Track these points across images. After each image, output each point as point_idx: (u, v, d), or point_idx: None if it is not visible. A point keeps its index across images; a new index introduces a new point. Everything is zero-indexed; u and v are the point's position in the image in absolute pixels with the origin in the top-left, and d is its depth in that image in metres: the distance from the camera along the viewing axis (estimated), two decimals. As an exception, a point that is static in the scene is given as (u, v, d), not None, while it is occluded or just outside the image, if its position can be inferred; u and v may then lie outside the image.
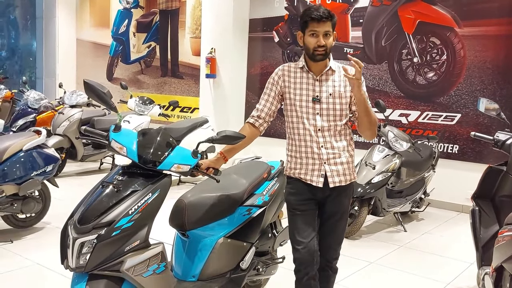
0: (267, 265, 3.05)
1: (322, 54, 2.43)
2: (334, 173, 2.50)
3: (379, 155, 4.81)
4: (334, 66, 2.54)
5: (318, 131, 2.49)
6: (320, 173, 2.49)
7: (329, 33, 2.42)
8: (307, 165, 2.51)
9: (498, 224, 3.10)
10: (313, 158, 2.50)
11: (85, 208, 2.17)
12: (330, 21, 2.40)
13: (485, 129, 5.58)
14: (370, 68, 6.59)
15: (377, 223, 5.20)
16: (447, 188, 5.81)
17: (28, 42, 11.26)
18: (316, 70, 2.52)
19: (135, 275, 2.15)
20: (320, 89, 2.51)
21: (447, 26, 5.93)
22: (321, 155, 2.49)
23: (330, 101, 2.50)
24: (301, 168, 2.53)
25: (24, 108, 7.28)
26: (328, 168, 2.49)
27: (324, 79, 2.52)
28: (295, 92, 2.54)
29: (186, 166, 2.36)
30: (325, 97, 2.50)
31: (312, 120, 2.50)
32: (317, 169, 2.50)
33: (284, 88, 2.57)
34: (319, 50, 2.42)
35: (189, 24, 8.73)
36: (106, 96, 2.32)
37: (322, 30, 2.39)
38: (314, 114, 2.50)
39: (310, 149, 2.50)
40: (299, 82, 2.54)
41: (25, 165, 4.12)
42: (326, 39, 2.41)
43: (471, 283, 3.57)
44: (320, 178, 2.49)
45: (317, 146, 2.49)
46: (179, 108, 8.62)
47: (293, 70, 2.56)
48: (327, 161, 2.49)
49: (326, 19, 2.38)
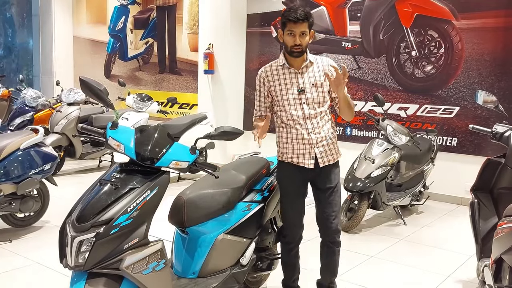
0: (267, 261, 3.05)
1: (299, 51, 2.70)
2: (323, 154, 2.78)
3: (378, 149, 4.81)
4: (312, 58, 2.80)
5: (307, 118, 2.76)
6: (310, 156, 2.77)
7: (305, 33, 2.67)
8: (298, 150, 2.78)
9: (497, 216, 3.10)
10: (303, 144, 2.77)
11: (83, 206, 2.16)
12: (306, 22, 2.65)
13: (484, 121, 5.57)
14: (368, 62, 6.57)
15: (377, 217, 5.20)
16: (446, 181, 5.81)
17: (24, 40, 11.21)
18: (296, 65, 2.78)
19: (135, 273, 2.14)
20: (303, 80, 2.77)
21: (444, 19, 5.91)
22: (311, 140, 2.76)
23: (313, 90, 2.76)
24: (293, 153, 2.79)
25: (22, 106, 7.27)
26: (317, 150, 2.77)
27: (305, 71, 2.78)
28: (281, 87, 2.79)
29: (184, 162, 2.35)
30: (309, 87, 2.76)
31: (300, 110, 2.76)
32: (307, 152, 2.77)
33: (270, 87, 2.82)
34: (295, 48, 2.68)
35: (186, 20, 8.70)
36: (102, 93, 2.31)
37: (298, 31, 2.65)
38: (301, 104, 2.76)
39: (301, 135, 2.76)
40: (283, 78, 2.79)
41: (23, 164, 4.10)
42: (302, 38, 2.66)
43: (471, 275, 3.58)
44: (311, 160, 2.77)
45: (307, 132, 2.76)
46: (178, 104, 8.60)
47: (275, 69, 2.82)
48: (316, 144, 2.77)
49: (302, 20, 2.63)
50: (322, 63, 2.79)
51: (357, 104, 6.60)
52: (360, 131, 6.67)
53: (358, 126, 6.68)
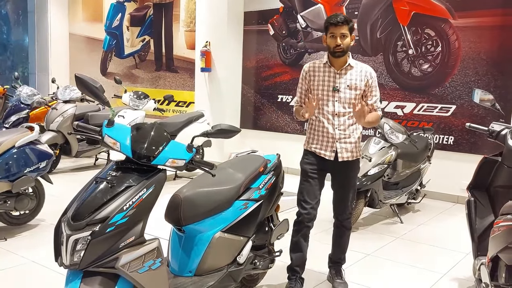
0: (264, 259, 3.04)
1: (340, 52, 2.99)
2: (343, 150, 3.09)
3: (375, 147, 4.80)
4: (353, 63, 3.10)
5: (335, 115, 3.07)
6: (332, 149, 3.09)
7: (346, 35, 2.98)
8: (322, 142, 3.11)
9: (494, 215, 3.11)
10: (327, 137, 3.09)
11: (79, 204, 2.14)
12: (346, 25, 2.96)
13: (480, 120, 5.59)
14: (366, 60, 6.57)
15: (374, 215, 5.20)
16: (443, 179, 5.83)
17: (20, 37, 11.16)
18: (336, 65, 3.08)
19: (131, 272, 2.13)
20: (339, 80, 3.07)
21: (441, 18, 5.92)
22: (335, 135, 3.07)
23: (347, 91, 3.06)
24: (317, 144, 3.13)
25: (17, 104, 7.22)
26: (339, 145, 3.08)
27: (343, 73, 3.08)
28: (319, 83, 3.10)
29: (181, 160, 2.34)
30: (343, 87, 3.06)
31: (331, 106, 3.07)
32: (330, 146, 3.09)
33: (310, 81, 3.14)
34: (337, 49, 2.98)
35: (183, 17, 8.67)
36: (98, 91, 2.29)
37: (338, 33, 2.96)
38: (333, 101, 3.07)
39: (326, 129, 3.09)
40: (322, 75, 3.10)
41: (18, 161, 4.07)
42: (342, 39, 2.97)
43: (467, 273, 3.59)
44: (332, 153, 3.09)
45: (332, 128, 3.08)
46: (174, 102, 8.58)
47: (318, 66, 3.14)
48: (339, 140, 3.08)
49: (342, 23, 2.95)
50: (361, 69, 3.09)
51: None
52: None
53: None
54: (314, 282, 3.44)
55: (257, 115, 7.71)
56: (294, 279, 3.23)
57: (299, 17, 7.18)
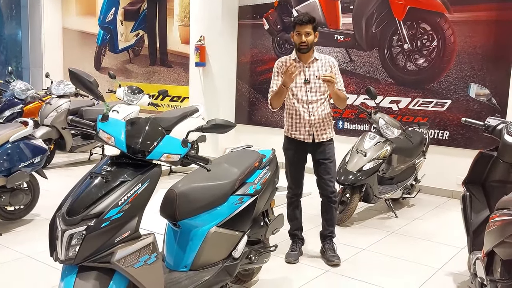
0: (259, 254, 3.04)
1: (305, 48, 3.48)
2: (319, 132, 3.59)
3: (370, 142, 4.81)
4: (317, 56, 3.60)
5: (309, 103, 3.55)
6: (309, 133, 3.58)
7: (310, 33, 3.46)
8: (300, 128, 3.59)
9: (489, 209, 3.11)
10: (304, 123, 3.57)
11: (74, 199, 2.13)
12: (310, 24, 3.44)
13: (476, 115, 5.60)
14: (361, 55, 6.56)
15: (369, 210, 5.22)
16: (438, 174, 5.84)
17: (13, 32, 11.05)
18: (304, 60, 3.57)
19: (126, 266, 2.12)
20: (308, 73, 3.56)
21: (437, 12, 5.91)
22: (310, 121, 3.56)
23: (316, 81, 3.54)
24: (296, 130, 3.61)
25: (11, 99, 7.16)
26: (314, 129, 3.57)
27: (311, 66, 3.57)
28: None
29: (176, 155, 2.32)
30: (313, 78, 3.55)
31: (305, 96, 3.55)
32: (307, 130, 3.58)
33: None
34: (302, 45, 3.48)
35: (177, 11, 8.62)
36: (92, 85, 2.28)
37: (303, 31, 3.44)
38: (306, 92, 3.55)
39: (303, 116, 3.56)
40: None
41: (12, 156, 4.06)
42: (306, 37, 3.44)
43: (462, 268, 3.60)
44: (309, 136, 3.59)
45: (308, 114, 3.55)
46: (169, 97, 8.53)
47: (288, 61, 3.56)
48: (314, 124, 3.56)
49: (306, 23, 3.42)
50: (325, 60, 3.60)
51: (349, 97, 6.59)
52: (352, 124, 6.68)
53: (350, 120, 6.68)
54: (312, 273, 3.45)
55: (252, 110, 7.70)
56: (295, 240, 3.81)
57: (294, 11, 7.16)
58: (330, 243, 3.77)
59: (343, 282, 3.40)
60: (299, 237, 3.83)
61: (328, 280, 3.43)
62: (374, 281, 3.42)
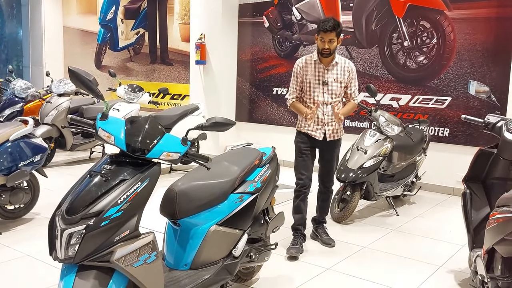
0: (260, 252, 3.04)
1: (327, 54, 3.65)
2: (331, 131, 3.80)
3: (371, 139, 4.80)
4: (338, 59, 3.74)
5: (324, 104, 3.75)
6: (321, 131, 3.79)
7: (333, 40, 3.60)
8: (313, 125, 3.78)
9: (489, 207, 3.11)
10: (318, 122, 3.77)
11: (73, 198, 2.12)
12: (334, 32, 3.56)
13: (476, 112, 5.59)
14: (361, 52, 6.55)
15: (369, 208, 5.21)
16: (439, 172, 5.84)
17: (14, 30, 11.05)
18: (325, 62, 3.73)
19: (126, 265, 2.11)
20: (327, 75, 3.72)
21: (437, 9, 5.90)
22: (324, 120, 3.77)
23: (334, 84, 3.73)
24: (309, 126, 3.80)
25: (11, 97, 7.17)
26: (327, 128, 3.79)
27: (330, 69, 3.73)
28: (310, 77, 3.73)
29: (175, 154, 2.32)
30: (331, 81, 3.73)
31: (321, 97, 3.74)
32: (320, 128, 3.79)
33: (303, 75, 3.76)
34: (324, 51, 3.63)
35: (177, 9, 8.61)
36: (91, 84, 2.26)
37: (327, 38, 3.59)
38: (323, 93, 3.74)
39: (317, 115, 3.74)
40: (313, 71, 3.73)
41: (12, 155, 4.05)
42: (330, 44, 3.60)
43: (463, 265, 3.60)
44: (321, 134, 3.79)
45: (322, 114, 3.76)
46: (169, 95, 8.53)
47: (309, 62, 3.75)
48: (327, 124, 3.78)
49: (330, 31, 3.55)
50: (344, 64, 3.76)
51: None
52: (353, 121, 6.67)
53: (350, 117, 6.67)
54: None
55: (252, 108, 7.69)
56: (297, 235, 3.88)
57: (294, 9, 7.15)
58: (323, 228, 4.11)
59: (344, 280, 3.40)
60: (302, 232, 3.90)
61: (329, 278, 3.43)
62: (375, 279, 3.42)
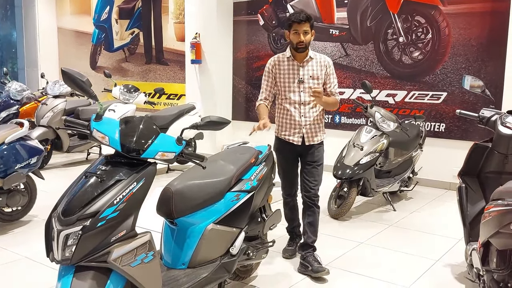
0: (257, 250, 3.05)
1: (303, 47, 3.30)
2: (309, 135, 3.41)
3: (367, 136, 4.81)
4: (312, 55, 3.41)
5: (301, 104, 3.38)
6: (299, 135, 3.41)
7: (307, 32, 3.28)
8: (290, 129, 3.42)
9: (485, 200, 3.13)
10: (295, 124, 3.40)
11: (69, 199, 2.13)
12: (308, 22, 3.26)
13: (471, 106, 5.60)
14: (356, 49, 6.56)
15: (367, 204, 5.23)
16: (435, 167, 5.86)
17: (8, 32, 11.01)
18: (299, 58, 3.38)
19: (123, 265, 2.12)
20: (303, 72, 3.38)
21: (431, 4, 5.91)
22: (301, 122, 3.39)
23: (310, 81, 3.37)
24: (286, 131, 3.44)
25: (6, 100, 7.16)
26: (305, 131, 3.40)
27: (305, 65, 3.39)
28: (284, 76, 3.39)
29: (170, 153, 2.32)
30: (307, 78, 3.37)
31: (297, 96, 3.38)
32: (297, 132, 3.41)
33: (276, 74, 3.42)
34: (300, 45, 3.28)
35: (172, 9, 8.59)
36: (85, 85, 2.26)
37: (301, 30, 3.26)
38: (299, 92, 3.38)
39: (293, 117, 3.40)
40: (287, 69, 3.39)
41: (8, 158, 4.05)
42: (304, 36, 3.27)
43: (460, 259, 3.61)
44: (299, 138, 3.41)
45: (299, 115, 3.39)
46: (165, 95, 8.52)
47: (282, 60, 3.42)
48: (305, 126, 3.40)
49: (304, 21, 3.24)
50: (320, 59, 3.41)
51: (345, 91, 6.60)
52: (349, 118, 6.68)
53: (346, 114, 6.68)
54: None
55: (248, 107, 7.69)
56: (293, 237, 3.78)
57: (288, 6, 7.14)
58: (313, 255, 3.39)
59: (342, 275, 3.41)
60: (297, 233, 3.79)
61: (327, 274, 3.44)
62: (372, 274, 3.43)
